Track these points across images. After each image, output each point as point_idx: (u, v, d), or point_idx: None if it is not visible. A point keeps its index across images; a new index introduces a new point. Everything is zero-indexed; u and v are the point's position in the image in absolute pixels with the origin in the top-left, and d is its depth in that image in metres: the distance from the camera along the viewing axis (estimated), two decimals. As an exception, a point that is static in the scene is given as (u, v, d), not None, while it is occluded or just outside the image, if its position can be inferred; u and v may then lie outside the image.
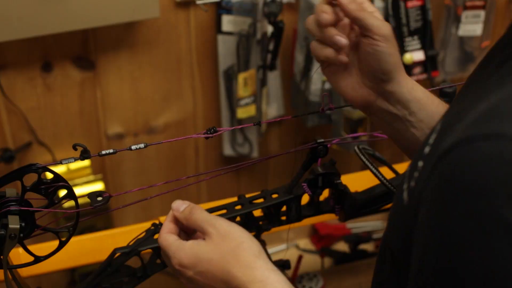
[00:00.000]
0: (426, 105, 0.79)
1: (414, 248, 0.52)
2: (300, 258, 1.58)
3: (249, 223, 0.95)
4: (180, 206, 0.76)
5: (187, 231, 0.77)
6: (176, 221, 0.77)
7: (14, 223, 0.77)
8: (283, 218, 0.96)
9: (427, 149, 0.51)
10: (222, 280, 0.70)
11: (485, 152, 0.44)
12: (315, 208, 0.97)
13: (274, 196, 0.94)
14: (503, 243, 0.44)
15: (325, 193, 0.97)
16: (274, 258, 1.01)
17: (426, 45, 1.62)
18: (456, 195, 0.46)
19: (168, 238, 0.75)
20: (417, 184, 0.52)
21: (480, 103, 0.49)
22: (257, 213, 0.94)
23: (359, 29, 0.78)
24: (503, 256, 0.44)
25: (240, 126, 0.94)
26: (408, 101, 0.79)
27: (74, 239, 0.84)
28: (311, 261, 1.66)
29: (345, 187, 0.94)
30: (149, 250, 0.90)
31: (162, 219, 1.13)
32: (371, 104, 0.81)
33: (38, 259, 0.83)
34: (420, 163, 0.51)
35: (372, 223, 1.79)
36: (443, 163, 0.47)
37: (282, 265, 1.00)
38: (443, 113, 0.75)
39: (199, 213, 0.74)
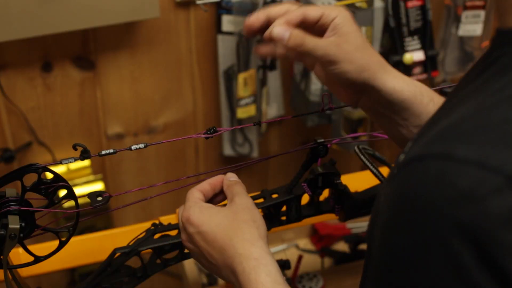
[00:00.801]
0: (411, 105, 0.77)
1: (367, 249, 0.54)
2: (300, 258, 1.58)
3: (249, 223, 0.95)
4: (231, 176, 0.82)
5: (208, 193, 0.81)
6: (214, 188, 0.81)
7: (14, 223, 0.77)
8: (283, 218, 0.96)
9: (401, 157, 0.51)
10: (220, 246, 0.72)
11: (430, 172, 0.44)
12: (315, 208, 0.97)
13: (274, 196, 0.94)
14: (435, 262, 0.44)
15: (325, 193, 0.97)
16: (274, 258, 1.01)
17: (426, 45, 1.62)
18: (401, 211, 0.47)
19: (195, 193, 0.79)
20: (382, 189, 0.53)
21: (444, 119, 0.49)
22: (257, 213, 0.94)
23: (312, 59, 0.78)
24: (433, 274, 0.45)
25: (240, 126, 0.94)
26: (389, 102, 0.77)
27: (74, 239, 0.84)
28: (311, 261, 1.66)
29: (345, 187, 0.94)
30: (149, 250, 0.90)
31: (162, 219, 1.13)
32: (357, 103, 0.81)
33: (38, 259, 0.83)
34: (395, 170, 0.52)
35: (372, 223, 1.79)
36: (397, 177, 0.48)
37: (282, 265, 1.00)
38: (432, 111, 0.75)
39: (241, 188, 0.79)
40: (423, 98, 0.78)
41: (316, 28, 0.77)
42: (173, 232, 0.92)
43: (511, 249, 0.42)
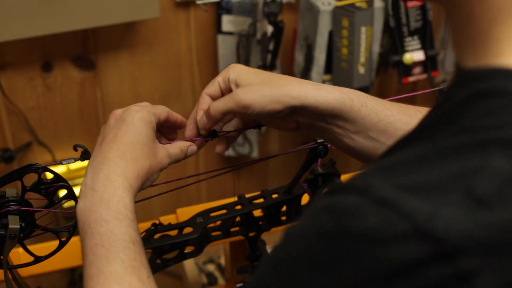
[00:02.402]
0: (341, 112, 0.76)
1: None
2: (300, 258, 1.58)
3: (249, 223, 0.95)
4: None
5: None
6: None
7: (14, 223, 0.77)
8: (283, 218, 0.96)
9: (330, 187, 0.51)
10: (111, 166, 0.70)
11: (346, 204, 0.44)
12: (315, 208, 0.97)
13: (274, 196, 0.94)
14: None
15: (325, 193, 0.97)
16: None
17: (426, 45, 1.62)
18: (305, 229, 0.47)
19: (163, 110, 0.77)
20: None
21: (386, 156, 0.49)
22: (257, 213, 0.94)
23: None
24: None
25: (240, 130, 0.93)
26: (319, 115, 0.77)
27: (74, 239, 0.84)
28: (311, 261, 1.66)
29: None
30: (149, 250, 0.90)
31: (162, 219, 1.13)
32: (298, 127, 0.82)
33: (38, 259, 0.83)
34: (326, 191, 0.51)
35: (372, 223, 1.79)
36: (322, 199, 0.47)
37: (282, 265, 1.00)
38: (366, 114, 0.76)
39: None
40: (353, 104, 0.77)
41: (225, 95, 0.80)
42: (173, 232, 0.92)
43: None
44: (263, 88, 0.75)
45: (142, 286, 0.63)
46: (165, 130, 0.81)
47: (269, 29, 1.54)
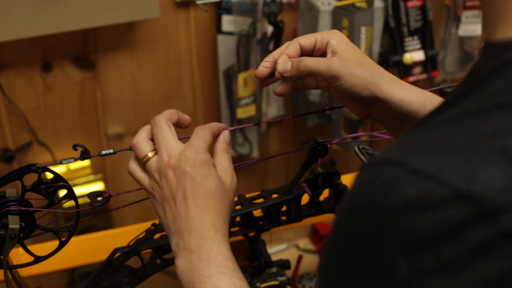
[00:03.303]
0: (419, 114, 0.77)
1: None
2: (300, 258, 1.58)
3: (249, 223, 0.95)
4: (227, 137, 0.80)
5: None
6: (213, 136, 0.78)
7: (14, 223, 0.77)
8: (283, 218, 0.96)
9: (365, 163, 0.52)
10: (199, 204, 0.69)
11: (383, 177, 0.45)
12: (315, 208, 0.97)
13: (274, 196, 0.94)
14: (369, 266, 0.45)
15: (325, 193, 0.97)
16: (274, 258, 1.01)
17: (426, 45, 1.62)
18: (350, 210, 0.48)
19: (208, 135, 0.75)
20: None
21: (416, 128, 0.50)
22: (257, 213, 0.94)
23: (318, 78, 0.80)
24: (365, 277, 0.45)
25: (240, 126, 0.94)
26: (399, 114, 0.78)
27: (74, 239, 0.84)
28: (311, 261, 1.66)
29: (345, 187, 0.94)
30: (149, 250, 0.90)
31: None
32: (370, 115, 0.82)
33: (38, 259, 0.83)
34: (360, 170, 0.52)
35: (372, 223, 1.79)
36: (357, 177, 0.48)
37: (282, 265, 1.00)
38: None
39: (229, 161, 0.77)
40: (427, 105, 0.78)
41: (315, 54, 0.80)
42: (173, 232, 0.92)
43: (445, 264, 0.42)
44: (358, 68, 0.76)
45: None
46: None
47: (269, 29, 1.54)
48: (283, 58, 0.79)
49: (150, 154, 0.73)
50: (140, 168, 0.75)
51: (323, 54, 0.80)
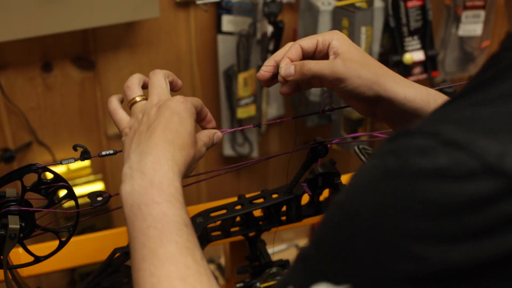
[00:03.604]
0: (424, 112, 0.78)
1: None
2: (300, 258, 1.58)
3: (249, 223, 0.95)
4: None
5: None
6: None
7: (14, 223, 0.77)
8: (283, 218, 0.96)
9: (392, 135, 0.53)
10: (159, 154, 0.68)
11: (414, 145, 0.46)
12: (315, 208, 0.97)
13: (274, 196, 0.94)
14: (391, 228, 0.45)
15: (325, 193, 0.97)
16: (274, 258, 1.01)
17: (426, 45, 1.62)
18: (374, 172, 0.48)
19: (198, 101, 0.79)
20: None
21: (449, 105, 0.51)
22: (257, 213, 0.94)
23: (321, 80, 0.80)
24: (386, 235, 0.46)
25: (240, 128, 0.94)
26: (404, 112, 0.78)
27: (74, 239, 0.84)
28: (311, 261, 1.66)
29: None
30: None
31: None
32: (375, 114, 0.82)
33: (38, 259, 0.83)
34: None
35: (372, 223, 1.79)
36: (383, 146, 0.49)
37: (282, 265, 1.00)
38: None
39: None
40: (431, 102, 0.79)
41: (318, 57, 0.81)
42: (173, 232, 0.92)
43: (468, 234, 0.43)
44: (362, 69, 0.77)
45: (197, 266, 0.62)
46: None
47: (269, 29, 1.54)
48: (285, 61, 0.79)
49: (138, 98, 0.76)
50: (121, 108, 0.78)
51: (325, 56, 0.80)
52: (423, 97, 0.78)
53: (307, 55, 0.80)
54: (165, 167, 0.67)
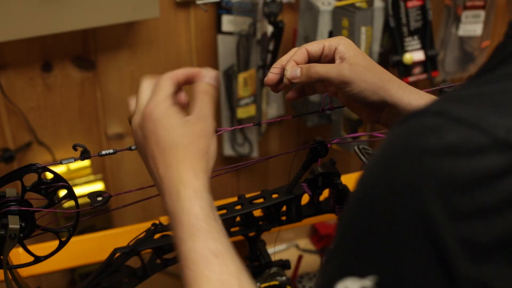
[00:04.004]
0: None
1: None
2: (300, 258, 1.58)
3: (249, 223, 0.95)
4: (209, 77, 0.74)
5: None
6: (188, 81, 0.74)
7: (14, 223, 0.77)
8: (283, 218, 0.96)
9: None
10: (167, 161, 0.67)
11: (423, 125, 0.47)
12: (315, 208, 0.97)
13: (274, 196, 0.94)
14: (403, 208, 0.46)
15: (325, 193, 0.97)
16: (274, 258, 1.01)
17: (426, 45, 1.62)
18: (385, 153, 0.49)
19: (169, 86, 0.71)
20: None
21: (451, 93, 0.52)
22: (257, 213, 0.94)
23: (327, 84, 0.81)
24: (398, 218, 0.46)
25: (240, 126, 0.94)
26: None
27: (74, 239, 0.84)
28: (311, 261, 1.66)
29: (345, 187, 0.94)
30: (149, 250, 0.90)
31: (162, 219, 1.13)
32: (378, 120, 0.83)
33: (38, 259, 0.83)
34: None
35: (372, 223, 1.79)
36: (394, 128, 0.50)
37: (282, 265, 1.00)
38: None
39: (209, 104, 0.73)
40: None
41: (323, 61, 0.81)
42: (173, 232, 0.92)
43: (480, 209, 0.43)
44: (367, 74, 0.77)
45: None
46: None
47: (269, 29, 1.54)
48: (291, 64, 0.80)
49: (132, 113, 0.73)
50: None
51: (331, 61, 0.80)
52: (427, 103, 0.79)
53: (313, 59, 0.81)
54: (180, 199, 0.65)
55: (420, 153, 0.46)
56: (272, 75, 0.81)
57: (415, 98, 0.79)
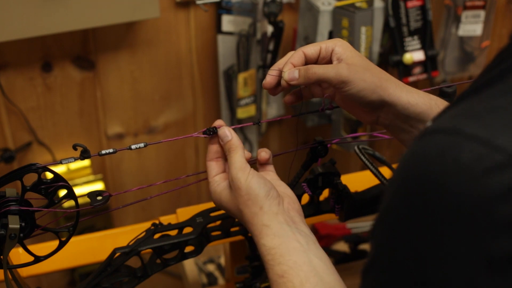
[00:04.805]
0: (427, 117, 0.79)
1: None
2: (300, 258, 1.58)
3: (249, 223, 0.95)
4: (224, 137, 0.83)
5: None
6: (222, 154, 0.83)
7: (14, 223, 0.77)
8: (283, 218, 0.95)
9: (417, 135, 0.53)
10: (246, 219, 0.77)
11: (437, 145, 0.47)
12: (315, 208, 0.97)
13: (274, 196, 0.93)
14: (426, 230, 0.47)
15: (325, 193, 0.97)
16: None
17: (426, 45, 1.62)
18: (406, 178, 0.49)
19: (212, 170, 0.83)
20: None
21: (462, 101, 0.52)
22: (257, 213, 0.94)
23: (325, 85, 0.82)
24: (421, 240, 0.47)
25: (240, 125, 0.94)
26: (406, 117, 0.79)
27: (74, 239, 0.84)
28: (311, 261, 1.66)
29: (345, 187, 0.94)
30: (149, 250, 0.90)
31: (162, 219, 1.13)
32: (377, 121, 0.83)
33: (38, 259, 0.83)
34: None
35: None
36: (411, 147, 0.50)
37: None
38: None
39: (234, 158, 0.81)
40: (434, 108, 0.80)
41: (320, 62, 0.81)
42: (173, 232, 0.92)
43: (504, 226, 0.44)
44: (366, 73, 0.78)
45: None
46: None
47: (269, 29, 1.54)
48: (289, 66, 0.80)
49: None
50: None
51: (328, 62, 0.81)
52: (426, 101, 0.79)
53: (310, 62, 0.81)
54: (256, 238, 0.75)
55: (437, 176, 0.46)
56: (270, 77, 0.81)
57: (413, 97, 0.79)
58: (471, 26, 1.67)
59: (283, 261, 0.71)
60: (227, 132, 0.81)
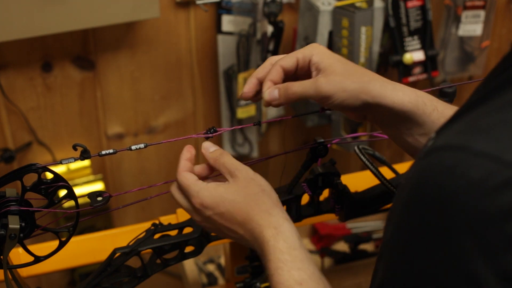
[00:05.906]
0: (414, 115, 0.77)
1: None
2: (300, 258, 1.58)
3: (249, 223, 0.95)
4: (210, 146, 0.81)
5: (204, 173, 0.81)
6: (192, 160, 0.81)
7: (14, 223, 0.77)
8: (283, 218, 0.95)
9: (428, 143, 0.53)
10: (239, 222, 0.74)
11: (446, 162, 0.47)
12: (315, 208, 0.97)
13: (274, 196, 0.93)
14: (439, 248, 0.47)
15: (325, 193, 0.97)
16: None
17: (426, 45, 1.62)
18: (416, 197, 0.49)
19: (189, 177, 0.78)
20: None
21: (467, 113, 0.51)
22: (257, 213, 0.94)
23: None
24: (435, 259, 0.47)
25: (240, 126, 0.94)
26: (392, 115, 0.78)
27: (74, 239, 0.84)
28: (311, 261, 1.66)
29: (345, 187, 0.94)
30: (149, 250, 0.90)
31: (162, 219, 1.13)
32: (365, 118, 0.83)
33: (38, 259, 0.83)
34: (420, 155, 0.53)
35: (372, 223, 1.79)
36: (419, 164, 0.50)
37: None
38: (436, 119, 0.76)
39: (228, 157, 0.79)
40: (425, 108, 0.78)
41: (300, 74, 0.80)
42: (173, 232, 0.92)
43: (510, 240, 0.44)
44: (345, 82, 0.76)
45: None
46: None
47: (269, 29, 1.54)
48: (268, 85, 0.78)
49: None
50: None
51: (307, 72, 0.79)
52: (411, 99, 0.77)
53: (288, 74, 0.79)
54: (263, 240, 0.72)
55: (447, 194, 0.46)
56: (247, 92, 0.80)
57: (398, 95, 0.77)
58: (471, 26, 1.67)
59: (303, 267, 0.69)
60: (210, 144, 0.82)
